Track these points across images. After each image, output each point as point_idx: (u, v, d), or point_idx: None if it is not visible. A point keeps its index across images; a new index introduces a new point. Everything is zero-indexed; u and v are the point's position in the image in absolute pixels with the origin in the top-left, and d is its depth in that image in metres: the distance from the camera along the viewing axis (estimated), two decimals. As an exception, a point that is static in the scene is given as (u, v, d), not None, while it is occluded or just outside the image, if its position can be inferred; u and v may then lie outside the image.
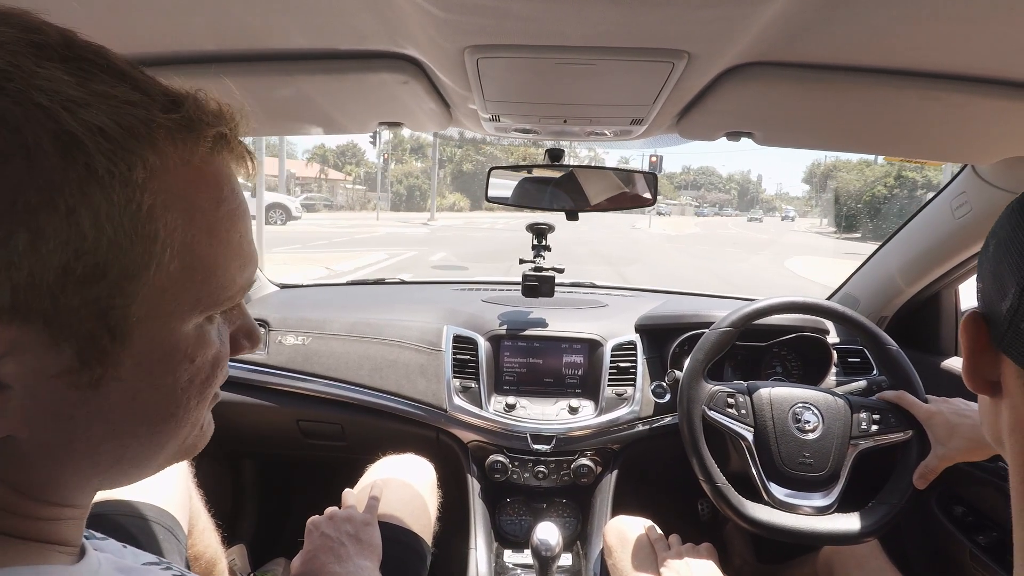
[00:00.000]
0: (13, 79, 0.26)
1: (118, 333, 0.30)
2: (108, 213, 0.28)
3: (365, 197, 34.95)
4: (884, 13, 0.52)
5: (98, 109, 0.28)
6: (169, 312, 0.32)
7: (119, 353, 0.30)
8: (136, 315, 0.30)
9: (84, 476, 0.34)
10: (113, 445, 0.33)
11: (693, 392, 1.07)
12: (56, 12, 0.58)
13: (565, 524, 1.34)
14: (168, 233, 0.30)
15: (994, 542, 1.09)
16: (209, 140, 0.32)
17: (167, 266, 0.30)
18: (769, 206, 78.53)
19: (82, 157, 0.27)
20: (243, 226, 0.35)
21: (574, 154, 24.07)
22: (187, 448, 0.39)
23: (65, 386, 0.29)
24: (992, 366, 0.39)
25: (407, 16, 0.56)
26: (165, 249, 0.30)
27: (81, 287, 0.28)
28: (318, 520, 0.85)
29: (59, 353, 0.29)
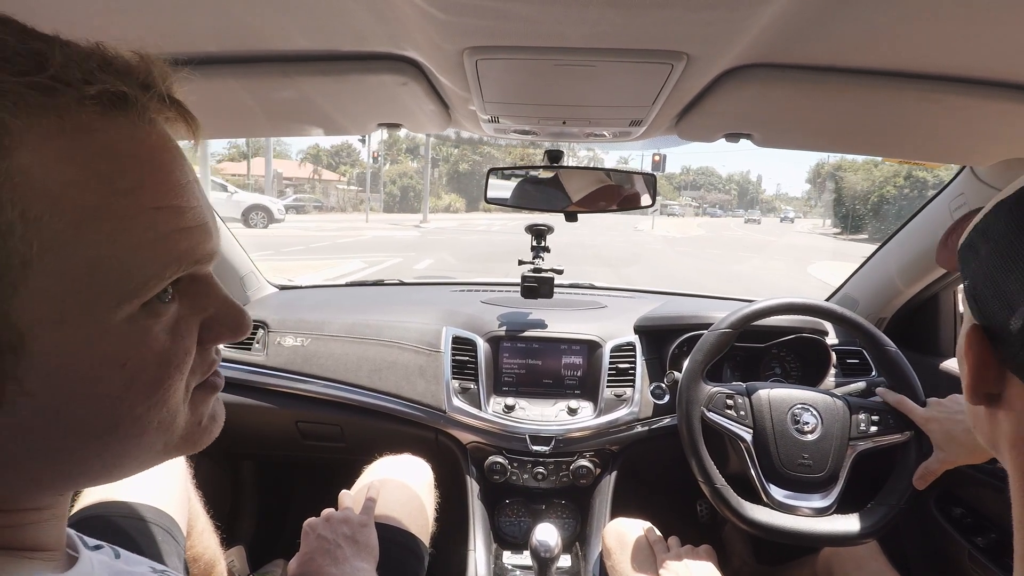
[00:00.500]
0: None
1: (5, 345, 0.26)
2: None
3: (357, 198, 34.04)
4: (882, 15, 0.52)
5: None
6: (69, 314, 0.27)
7: (17, 366, 0.26)
8: (23, 322, 0.26)
9: (31, 485, 0.31)
10: (52, 459, 0.29)
11: (692, 393, 1.07)
12: (55, 12, 0.58)
13: (564, 525, 1.34)
14: (29, 225, 0.25)
15: (993, 543, 1.09)
16: (91, 101, 0.27)
17: (44, 262, 0.26)
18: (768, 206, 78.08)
19: None
20: (163, 195, 0.29)
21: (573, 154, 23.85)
22: (179, 445, 0.35)
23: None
24: (997, 381, 0.37)
25: (407, 17, 0.56)
26: (30, 244, 0.25)
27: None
28: (314, 522, 0.85)
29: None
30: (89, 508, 0.79)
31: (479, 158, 40.84)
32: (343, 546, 0.80)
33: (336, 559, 0.78)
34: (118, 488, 0.81)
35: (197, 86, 0.74)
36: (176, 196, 0.30)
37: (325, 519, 0.85)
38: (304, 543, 0.81)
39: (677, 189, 74.73)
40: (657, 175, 1.26)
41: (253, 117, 0.90)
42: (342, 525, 0.84)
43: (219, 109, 0.87)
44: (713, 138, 0.92)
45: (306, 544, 0.81)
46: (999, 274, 0.35)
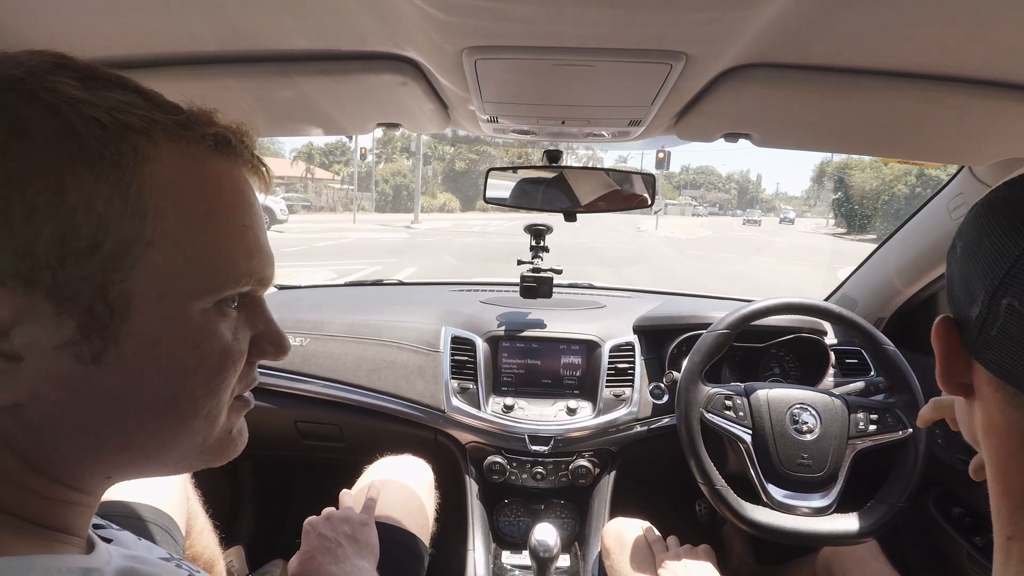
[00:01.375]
0: (25, 83, 0.30)
1: (117, 308, 0.32)
2: (98, 190, 0.31)
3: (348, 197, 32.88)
4: (881, 15, 0.52)
5: (98, 107, 0.31)
6: (168, 293, 0.33)
7: (120, 328, 0.32)
8: (134, 291, 0.32)
9: (90, 457, 0.34)
10: (118, 428, 0.34)
11: (691, 395, 1.07)
12: (58, 13, 0.58)
13: (563, 525, 1.34)
14: (161, 212, 0.33)
15: (991, 543, 1.09)
16: (208, 140, 0.36)
17: (159, 246, 0.33)
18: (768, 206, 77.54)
19: (76, 142, 0.30)
20: (247, 219, 0.38)
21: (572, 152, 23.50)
22: (211, 450, 0.39)
23: (69, 358, 0.31)
24: (964, 370, 0.40)
25: (406, 17, 0.56)
26: (156, 228, 0.32)
27: (79, 260, 0.30)
28: (315, 520, 0.85)
29: (62, 325, 0.31)
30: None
31: (475, 156, 40.22)
32: (344, 544, 0.80)
33: (337, 557, 0.78)
34: (117, 488, 0.81)
35: (197, 86, 0.75)
36: (256, 224, 0.39)
37: (326, 518, 0.85)
38: (305, 541, 0.81)
39: (677, 188, 74.66)
40: (658, 173, 1.26)
41: (252, 116, 0.90)
42: (343, 524, 0.84)
43: (218, 109, 0.87)
44: (712, 138, 0.92)
45: (307, 542, 0.81)
46: (967, 269, 0.39)
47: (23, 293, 0.30)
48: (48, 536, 0.34)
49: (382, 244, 13.81)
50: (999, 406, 0.38)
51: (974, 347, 0.38)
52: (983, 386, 0.39)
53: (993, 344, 0.36)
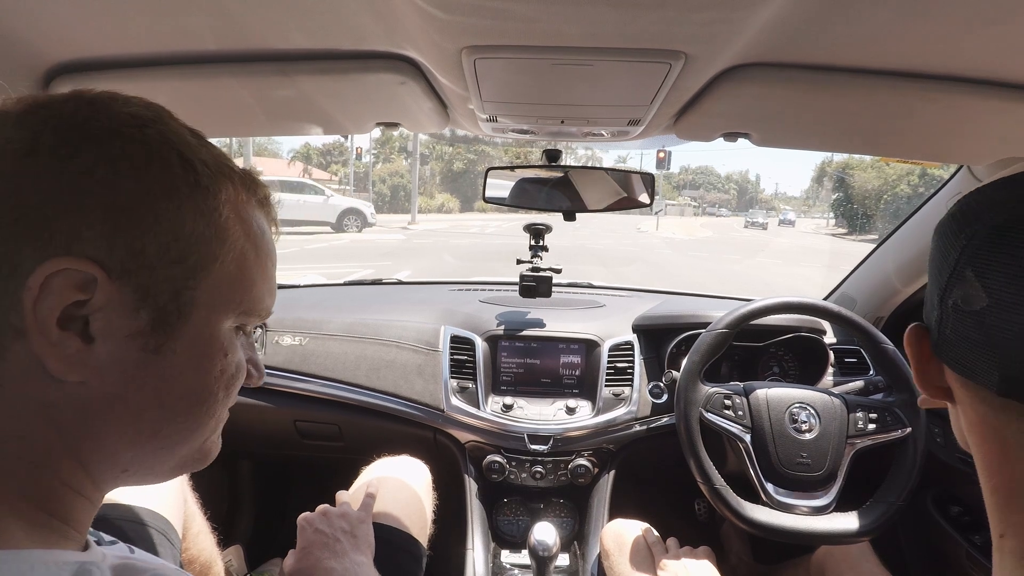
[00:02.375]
0: (156, 124, 0.38)
1: (182, 310, 0.38)
2: (202, 213, 0.38)
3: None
4: (880, 14, 0.52)
5: (204, 152, 0.40)
6: (219, 306, 0.40)
7: (179, 328, 0.38)
8: (197, 300, 0.38)
9: (124, 441, 0.38)
10: (158, 414, 0.39)
11: (690, 394, 1.07)
12: (58, 13, 0.58)
13: (562, 524, 1.34)
14: (233, 241, 0.40)
15: (990, 542, 1.09)
16: (261, 195, 0.44)
17: (227, 266, 0.40)
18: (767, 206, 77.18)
19: (193, 174, 0.38)
20: (273, 260, 0.45)
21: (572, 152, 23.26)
22: (204, 452, 0.44)
23: (136, 347, 0.36)
24: (938, 373, 0.42)
25: (405, 16, 0.56)
26: (229, 252, 0.40)
27: (169, 265, 0.37)
28: (311, 516, 0.85)
29: (138, 317, 0.36)
30: None
31: (474, 156, 39.96)
32: (341, 540, 0.80)
33: (335, 552, 0.78)
34: (115, 491, 0.81)
35: (196, 85, 0.75)
36: (275, 270, 0.46)
37: (322, 513, 0.85)
38: (301, 537, 0.81)
39: (676, 188, 74.60)
40: (658, 173, 1.26)
41: (251, 116, 0.90)
42: (340, 519, 0.84)
43: (217, 108, 0.87)
44: (711, 137, 0.92)
45: (303, 538, 0.81)
46: (929, 276, 0.43)
47: (120, 284, 0.35)
48: (51, 528, 0.36)
49: (377, 246, 13.41)
50: (971, 404, 0.40)
51: (938, 349, 0.41)
52: (955, 387, 0.41)
53: (950, 343, 0.39)
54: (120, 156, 0.36)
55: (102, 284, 0.34)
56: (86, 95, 0.37)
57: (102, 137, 0.35)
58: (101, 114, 0.36)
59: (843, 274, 1.52)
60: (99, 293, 0.34)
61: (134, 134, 0.36)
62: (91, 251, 0.34)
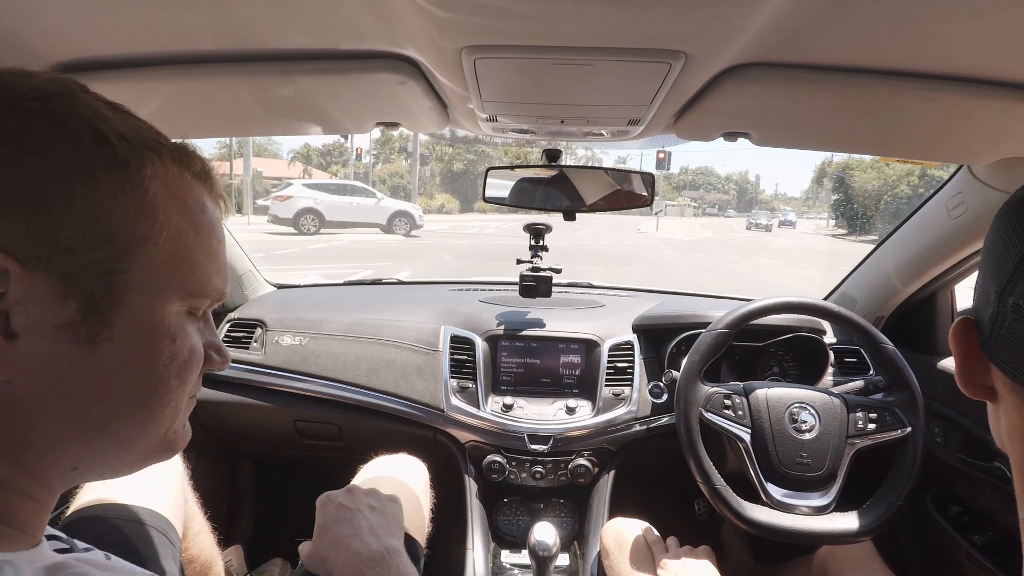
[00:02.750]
0: (64, 97, 0.35)
1: (115, 296, 0.35)
2: (123, 191, 0.36)
3: None
4: (880, 14, 0.52)
5: (123, 125, 0.37)
6: (159, 290, 0.38)
7: (114, 315, 0.36)
8: (132, 284, 0.36)
9: (66, 439, 0.36)
10: (102, 410, 0.37)
11: (690, 394, 1.07)
12: (58, 13, 0.58)
13: (562, 524, 1.34)
14: (165, 218, 0.37)
15: (990, 542, 1.09)
16: (197, 168, 0.42)
17: (162, 246, 0.37)
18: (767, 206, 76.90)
19: (109, 149, 0.35)
20: (219, 237, 0.43)
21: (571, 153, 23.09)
22: (168, 442, 0.42)
23: (66, 339, 0.34)
24: (984, 372, 0.40)
25: (405, 16, 0.56)
26: (162, 231, 0.37)
27: (93, 249, 0.34)
28: (333, 493, 0.74)
29: (65, 307, 0.34)
30: (85, 509, 0.79)
31: (474, 157, 39.80)
32: (369, 517, 0.70)
33: (359, 530, 0.67)
34: (114, 490, 0.81)
35: (196, 84, 0.75)
36: (223, 247, 0.44)
37: (347, 490, 0.75)
38: (320, 514, 0.71)
39: (676, 189, 74.51)
40: (658, 174, 1.26)
41: (251, 115, 0.90)
42: (367, 496, 0.73)
43: (217, 107, 0.87)
44: (711, 137, 0.92)
45: (322, 515, 0.71)
46: (983, 269, 0.40)
47: (38, 273, 0.33)
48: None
49: (376, 246, 13.36)
50: (1016, 408, 0.37)
51: (988, 347, 0.38)
52: (1001, 388, 0.39)
53: (1003, 344, 0.36)
54: (20, 133, 0.33)
55: (17, 275, 0.32)
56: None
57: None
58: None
59: (843, 274, 1.52)
60: (15, 285, 0.32)
61: (35, 108, 0.34)
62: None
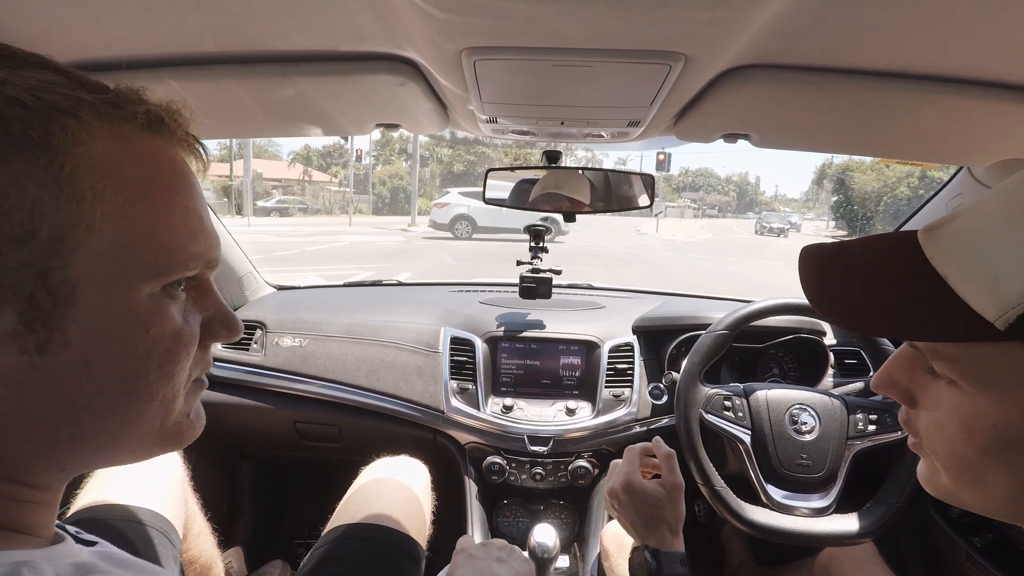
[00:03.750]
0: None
1: (59, 295, 0.31)
2: (29, 173, 0.29)
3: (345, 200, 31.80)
4: (880, 16, 0.52)
5: (19, 87, 0.30)
6: (113, 277, 0.32)
7: (63, 316, 0.31)
8: (76, 277, 0.31)
9: (44, 451, 0.34)
10: (70, 418, 0.33)
11: (690, 396, 1.07)
12: (55, 13, 0.58)
13: (562, 526, 1.34)
14: (96, 196, 0.31)
15: (990, 543, 1.09)
16: (140, 118, 0.34)
17: (100, 229, 0.32)
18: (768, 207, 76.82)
19: (1, 124, 0.29)
20: (189, 200, 0.36)
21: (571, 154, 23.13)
22: (169, 434, 0.38)
23: (12, 351, 0.30)
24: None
25: (405, 17, 0.56)
26: (95, 211, 0.31)
27: (15, 247, 0.29)
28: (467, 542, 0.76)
29: (2, 317, 0.30)
30: (86, 510, 0.79)
31: (473, 158, 39.82)
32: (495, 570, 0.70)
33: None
34: (115, 491, 0.81)
35: (197, 86, 0.75)
36: (199, 205, 0.37)
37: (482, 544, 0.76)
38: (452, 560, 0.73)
39: (676, 191, 74.51)
40: (658, 175, 1.26)
41: (251, 117, 0.90)
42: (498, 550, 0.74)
43: (217, 109, 0.87)
44: (711, 139, 0.92)
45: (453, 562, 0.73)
46: None
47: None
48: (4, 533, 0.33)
49: (377, 248, 13.47)
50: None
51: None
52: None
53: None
54: None
55: None
56: None
57: None
58: None
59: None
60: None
61: None
62: None
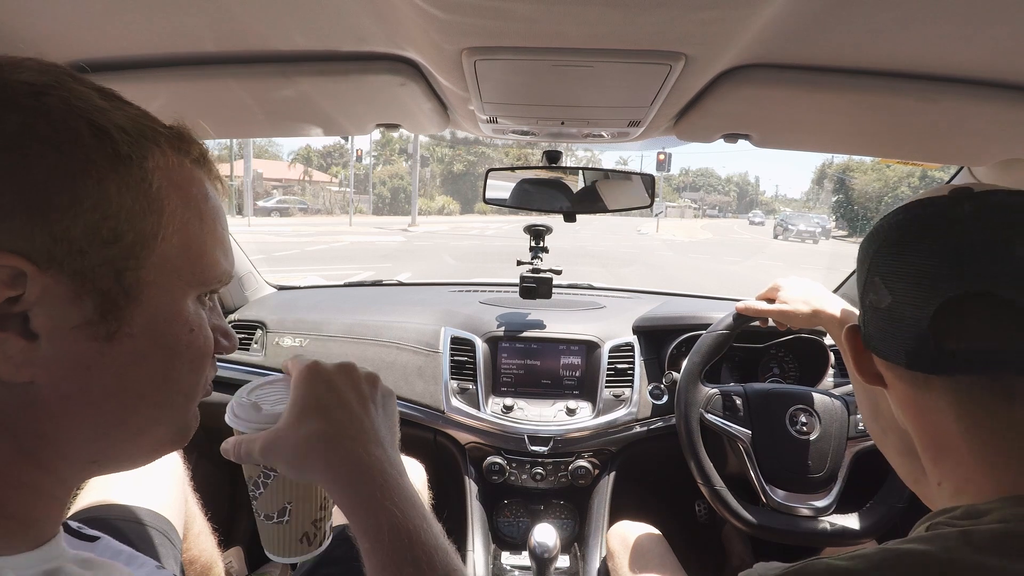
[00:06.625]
0: (57, 89, 0.34)
1: (131, 292, 0.36)
2: (128, 186, 0.35)
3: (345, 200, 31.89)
4: (880, 16, 0.52)
5: (120, 116, 0.36)
6: (172, 282, 0.38)
7: (131, 310, 0.36)
8: (145, 279, 0.36)
9: (85, 434, 0.37)
10: (118, 403, 0.37)
11: (691, 395, 1.07)
12: (57, 14, 0.58)
13: (563, 526, 1.34)
14: (171, 211, 0.37)
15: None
16: (195, 154, 0.41)
17: (170, 239, 0.37)
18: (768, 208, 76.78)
19: (110, 144, 0.35)
20: (223, 223, 0.43)
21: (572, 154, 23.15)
22: (181, 432, 0.43)
23: (85, 337, 0.35)
24: (870, 362, 0.51)
25: (406, 18, 0.56)
26: (168, 224, 0.37)
27: (103, 247, 0.34)
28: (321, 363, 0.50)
29: (81, 306, 0.34)
30: (87, 510, 0.79)
31: (474, 158, 39.66)
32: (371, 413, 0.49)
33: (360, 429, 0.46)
34: (115, 490, 0.81)
35: (197, 86, 0.75)
36: (227, 230, 0.44)
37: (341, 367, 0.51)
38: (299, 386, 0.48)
39: (676, 191, 74.51)
40: (659, 175, 1.26)
41: (252, 117, 0.90)
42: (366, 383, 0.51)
43: (218, 109, 0.87)
44: (711, 138, 0.92)
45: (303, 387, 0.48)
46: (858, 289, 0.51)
47: (53, 275, 0.33)
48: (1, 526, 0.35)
49: (376, 248, 13.51)
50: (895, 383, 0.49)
51: (866, 342, 0.50)
52: (883, 371, 0.50)
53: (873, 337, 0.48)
54: (21, 132, 0.32)
55: (33, 276, 0.32)
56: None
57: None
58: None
59: (843, 275, 1.52)
60: (31, 286, 0.32)
61: (33, 105, 0.33)
62: (11, 243, 0.32)
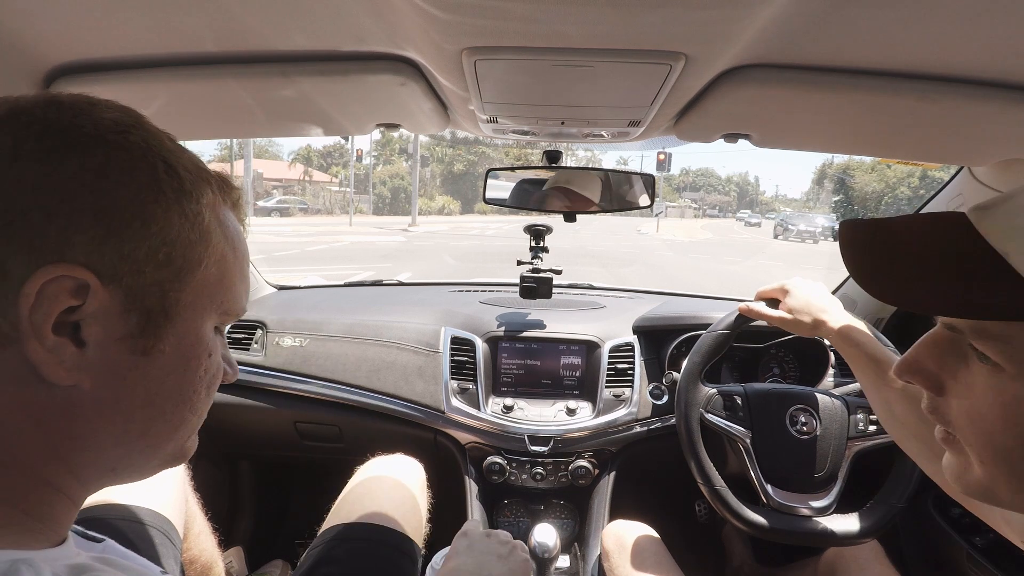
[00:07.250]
0: (138, 130, 0.39)
1: (170, 312, 0.39)
2: (187, 218, 0.39)
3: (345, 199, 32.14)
4: (881, 16, 0.52)
5: (184, 158, 0.41)
6: (203, 308, 0.42)
7: (166, 329, 0.39)
8: (183, 301, 0.40)
9: (114, 441, 0.39)
10: (147, 413, 0.40)
11: (691, 395, 1.07)
12: (57, 14, 0.58)
13: (563, 526, 1.34)
14: (215, 243, 0.42)
15: (991, 543, 1.09)
16: (234, 198, 0.46)
17: (210, 268, 0.41)
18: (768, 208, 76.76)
19: (178, 180, 0.39)
20: (247, 264, 0.47)
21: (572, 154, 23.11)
22: (184, 449, 0.45)
23: (126, 349, 0.38)
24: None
25: (406, 17, 0.56)
26: (212, 255, 0.41)
27: (157, 269, 0.38)
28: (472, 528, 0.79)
29: (128, 320, 0.37)
30: (87, 510, 0.78)
31: (474, 158, 39.52)
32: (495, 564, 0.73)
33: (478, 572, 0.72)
34: (115, 490, 0.81)
35: (197, 86, 0.75)
36: (249, 269, 0.48)
37: (487, 533, 0.78)
38: (453, 544, 0.77)
39: (676, 191, 74.47)
40: (660, 175, 1.26)
41: (252, 117, 0.90)
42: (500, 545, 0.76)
43: (218, 109, 0.87)
44: (711, 138, 0.92)
45: (453, 546, 0.76)
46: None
47: (111, 289, 0.36)
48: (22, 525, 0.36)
49: (377, 248, 13.53)
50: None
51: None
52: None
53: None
54: (106, 162, 0.36)
55: (95, 290, 0.35)
56: (62, 99, 0.38)
57: (87, 143, 0.36)
58: (83, 119, 0.37)
59: (843, 275, 1.52)
60: (91, 299, 0.35)
61: (118, 140, 0.37)
62: (83, 257, 0.35)
